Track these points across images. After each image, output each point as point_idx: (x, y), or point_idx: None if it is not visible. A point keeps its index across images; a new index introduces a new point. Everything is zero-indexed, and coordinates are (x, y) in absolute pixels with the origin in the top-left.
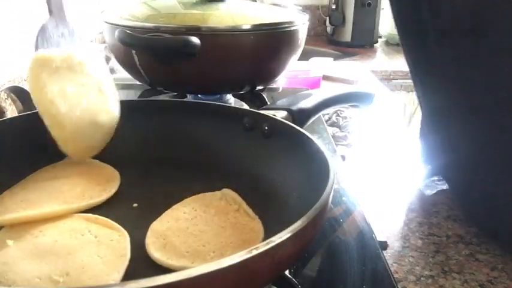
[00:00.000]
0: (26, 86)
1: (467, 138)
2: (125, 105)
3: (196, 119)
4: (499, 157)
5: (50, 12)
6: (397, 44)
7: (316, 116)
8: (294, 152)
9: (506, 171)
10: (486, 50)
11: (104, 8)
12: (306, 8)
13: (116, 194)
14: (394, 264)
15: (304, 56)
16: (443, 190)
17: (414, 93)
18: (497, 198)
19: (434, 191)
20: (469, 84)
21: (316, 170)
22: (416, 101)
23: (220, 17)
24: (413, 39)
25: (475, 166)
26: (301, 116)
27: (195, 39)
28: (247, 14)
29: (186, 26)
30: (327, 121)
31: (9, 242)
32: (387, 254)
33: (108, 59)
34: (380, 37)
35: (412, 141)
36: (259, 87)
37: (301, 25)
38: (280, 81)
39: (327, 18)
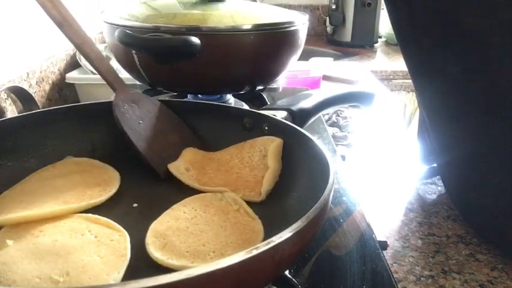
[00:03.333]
0: (26, 86)
1: (465, 139)
2: None
3: (196, 119)
4: (495, 159)
5: (114, 89)
6: (397, 44)
7: (316, 116)
8: (294, 152)
9: (501, 173)
10: (482, 51)
11: (104, 8)
12: (306, 8)
13: (116, 194)
14: (394, 264)
15: (304, 56)
16: (442, 189)
17: (414, 93)
18: (491, 200)
19: (433, 196)
20: (467, 86)
21: (316, 170)
22: (416, 101)
23: (220, 17)
24: (411, 41)
25: (471, 167)
26: (301, 116)
27: (195, 39)
28: (247, 14)
29: (186, 26)
30: (327, 121)
31: (9, 242)
32: (387, 254)
33: (108, 59)
34: (380, 37)
35: (412, 141)
36: (259, 87)
37: (301, 25)
38: (280, 81)
39: (327, 18)
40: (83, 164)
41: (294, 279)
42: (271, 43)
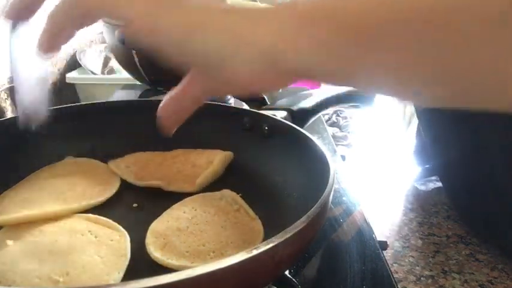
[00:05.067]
0: None
1: (462, 140)
2: (124, 105)
3: (196, 118)
4: (491, 160)
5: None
6: None
7: (316, 116)
8: (294, 152)
9: (498, 174)
10: None
11: None
12: None
13: (116, 194)
14: (394, 264)
15: None
16: (442, 189)
17: None
18: (489, 201)
19: (429, 189)
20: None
21: (316, 170)
22: None
23: None
24: None
25: (468, 168)
26: (302, 116)
27: None
28: None
29: None
30: (327, 121)
31: (9, 242)
32: (387, 254)
33: (108, 59)
34: None
35: (411, 141)
36: None
37: None
38: None
39: None
40: (83, 164)
41: (294, 279)
42: None
